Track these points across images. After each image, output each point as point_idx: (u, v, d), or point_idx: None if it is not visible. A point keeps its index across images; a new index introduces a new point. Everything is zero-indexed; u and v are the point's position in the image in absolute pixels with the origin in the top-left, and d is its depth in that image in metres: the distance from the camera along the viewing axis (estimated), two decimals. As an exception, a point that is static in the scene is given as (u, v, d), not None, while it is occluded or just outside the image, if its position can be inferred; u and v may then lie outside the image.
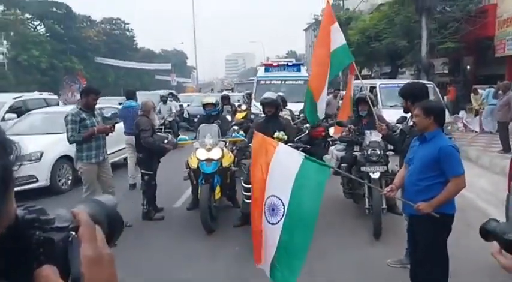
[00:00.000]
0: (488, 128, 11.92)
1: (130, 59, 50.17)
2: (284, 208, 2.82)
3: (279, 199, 2.84)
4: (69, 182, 7.31)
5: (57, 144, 6.87)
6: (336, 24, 5.03)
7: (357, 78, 6.45)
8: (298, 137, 6.70)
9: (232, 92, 22.47)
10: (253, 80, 26.02)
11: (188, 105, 18.74)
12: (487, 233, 0.98)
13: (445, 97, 14.68)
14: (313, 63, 5.57)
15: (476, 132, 11.95)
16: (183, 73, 69.70)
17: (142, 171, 5.72)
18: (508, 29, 15.36)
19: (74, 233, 0.61)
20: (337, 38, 4.95)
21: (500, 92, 9.92)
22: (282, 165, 2.93)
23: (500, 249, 0.92)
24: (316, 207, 2.85)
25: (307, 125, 7.54)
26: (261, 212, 2.92)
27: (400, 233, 4.58)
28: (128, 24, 55.20)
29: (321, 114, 5.74)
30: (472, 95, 13.90)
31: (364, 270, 4.11)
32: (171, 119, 13.57)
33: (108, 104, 10.14)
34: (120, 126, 6.88)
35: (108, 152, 5.44)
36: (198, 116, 6.83)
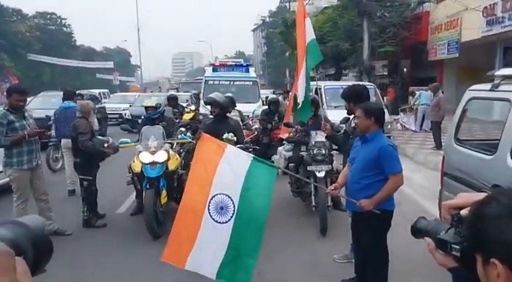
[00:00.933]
0: (422, 126, 12.71)
1: (69, 57, 47.68)
2: (234, 208, 2.83)
3: (230, 198, 2.84)
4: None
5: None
6: (308, 19, 5.07)
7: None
8: (261, 138, 6.73)
9: (178, 91, 21.72)
10: (200, 79, 25.67)
11: (130, 106, 17.73)
12: (417, 231, 1.02)
13: (385, 98, 15.46)
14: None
15: (412, 130, 12.70)
16: (127, 72, 67.39)
17: (81, 176, 5.42)
18: (439, 34, 16.51)
19: None
20: (310, 32, 4.98)
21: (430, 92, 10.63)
22: (231, 167, 2.94)
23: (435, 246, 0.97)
24: (266, 207, 2.90)
25: (256, 126, 7.60)
26: (200, 212, 2.85)
27: (345, 229, 4.74)
28: (64, 19, 52.35)
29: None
30: (410, 97, 14.77)
31: (312, 266, 4.20)
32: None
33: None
34: None
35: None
36: (142, 117, 6.60)
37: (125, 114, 16.69)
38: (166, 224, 5.20)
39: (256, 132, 7.39)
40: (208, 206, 2.85)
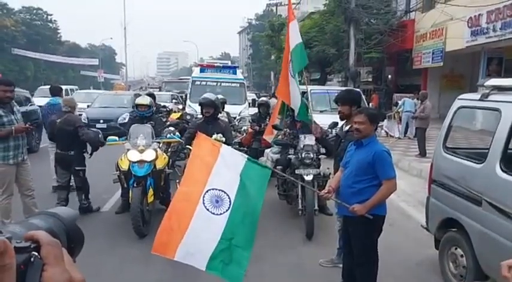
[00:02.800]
0: (406, 133, 12.90)
1: (53, 53, 46.83)
2: (230, 203, 2.85)
3: (226, 193, 2.87)
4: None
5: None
6: (295, 21, 5.02)
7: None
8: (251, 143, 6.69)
9: (160, 91, 20.94)
10: (183, 79, 25.48)
11: (88, 107, 14.04)
12: None
13: (370, 104, 15.66)
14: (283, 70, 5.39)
15: (395, 137, 12.88)
16: (111, 69, 66.58)
17: (77, 168, 5.54)
18: (424, 43, 16.82)
19: (36, 254, 0.51)
20: (295, 36, 4.92)
21: (416, 100, 10.82)
22: (227, 165, 2.99)
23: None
24: (260, 204, 2.96)
25: (245, 127, 7.58)
26: (194, 203, 2.83)
27: (330, 233, 4.78)
28: (50, 15, 51.39)
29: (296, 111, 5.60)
30: (394, 107, 15.01)
31: (298, 270, 4.20)
32: None
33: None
34: None
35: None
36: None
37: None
38: (152, 223, 5.14)
39: (244, 134, 7.36)
40: (203, 197, 2.84)
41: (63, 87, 18.82)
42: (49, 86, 7.44)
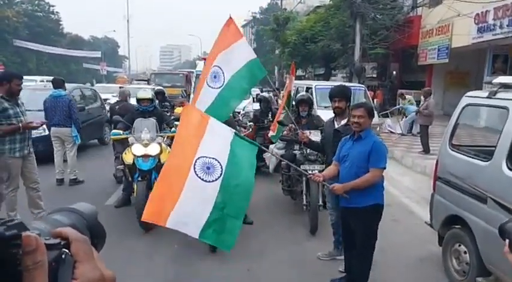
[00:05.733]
0: (412, 129, 12.84)
1: (56, 44, 46.73)
2: (222, 170, 2.85)
3: (217, 161, 2.88)
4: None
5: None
6: (244, 39, 4.46)
7: (299, 79, 6.55)
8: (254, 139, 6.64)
9: (148, 84, 19.46)
10: (175, 72, 24.70)
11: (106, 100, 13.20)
12: (501, 231, 1.06)
13: (374, 100, 15.59)
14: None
15: (398, 134, 12.83)
16: (114, 62, 66.42)
17: None
18: (429, 39, 16.70)
19: (67, 250, 0.51)
20: (247, 54, 4.41)
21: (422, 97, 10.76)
22: (217, 135, 3.01)
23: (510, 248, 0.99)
24: (251, 175, 2.97)
25: (251, 123, 7.57)
26: (185, 171, 2.82)
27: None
28: (53, 6, 51.10)
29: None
30: (400, 99, 14.92)
31: (302, 265, 4.22)
32: None
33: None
34: None
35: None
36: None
37: None
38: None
39: (250, 130, 7.35)
40: (194, 165, 2.83)
41: (37, 78, 18.24)
42: (52, 79, 7.46)
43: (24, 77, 5.20)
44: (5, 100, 4.44)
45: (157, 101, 6.31)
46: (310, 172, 5.00)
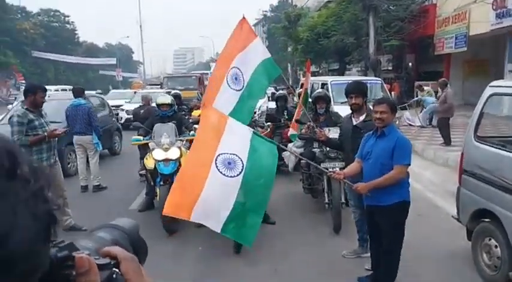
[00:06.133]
0: (431, 121, 12.59)
1: (72, 53, 47.71)
2: (243, 165, 2.90)
3: (238, 157, 2.93)
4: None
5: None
6: (258, 38, 4.49)
7: (313, 75, 6.49)
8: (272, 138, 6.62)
9: (161, 88, 19.08)
10: (188, 74, 24.71)
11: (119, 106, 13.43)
12: None
13: (392, 93, 15.36)
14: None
15: (418, 126, 12.60)
16: (129, 68, 67.47)
17: None
18: (446, 28, 16.34)
19: (117, 270, 0.52)
20: (261, 53, 4.37)
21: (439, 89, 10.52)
22: (236, 134, 3.07)
23: None
24: (273, 170, 3.02)
25: (269, 123, 7.54)
26: (207, 166, 2.87)
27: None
28: (68, 16, 52.37)
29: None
30: (418, 91, 14.67)
31: (328, 265, 4.18)
32: None
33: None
34: None
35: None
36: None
37: None
38: (180, 220, 5.22)
39: (268, 129, 7.33)
40: (216, 161, 2.88)
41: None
42: (72, 88, 7.64)
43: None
44: (30, 112, 4.56)
45: (176, 106, 6.35)
46: (330, 170, 5.00)
